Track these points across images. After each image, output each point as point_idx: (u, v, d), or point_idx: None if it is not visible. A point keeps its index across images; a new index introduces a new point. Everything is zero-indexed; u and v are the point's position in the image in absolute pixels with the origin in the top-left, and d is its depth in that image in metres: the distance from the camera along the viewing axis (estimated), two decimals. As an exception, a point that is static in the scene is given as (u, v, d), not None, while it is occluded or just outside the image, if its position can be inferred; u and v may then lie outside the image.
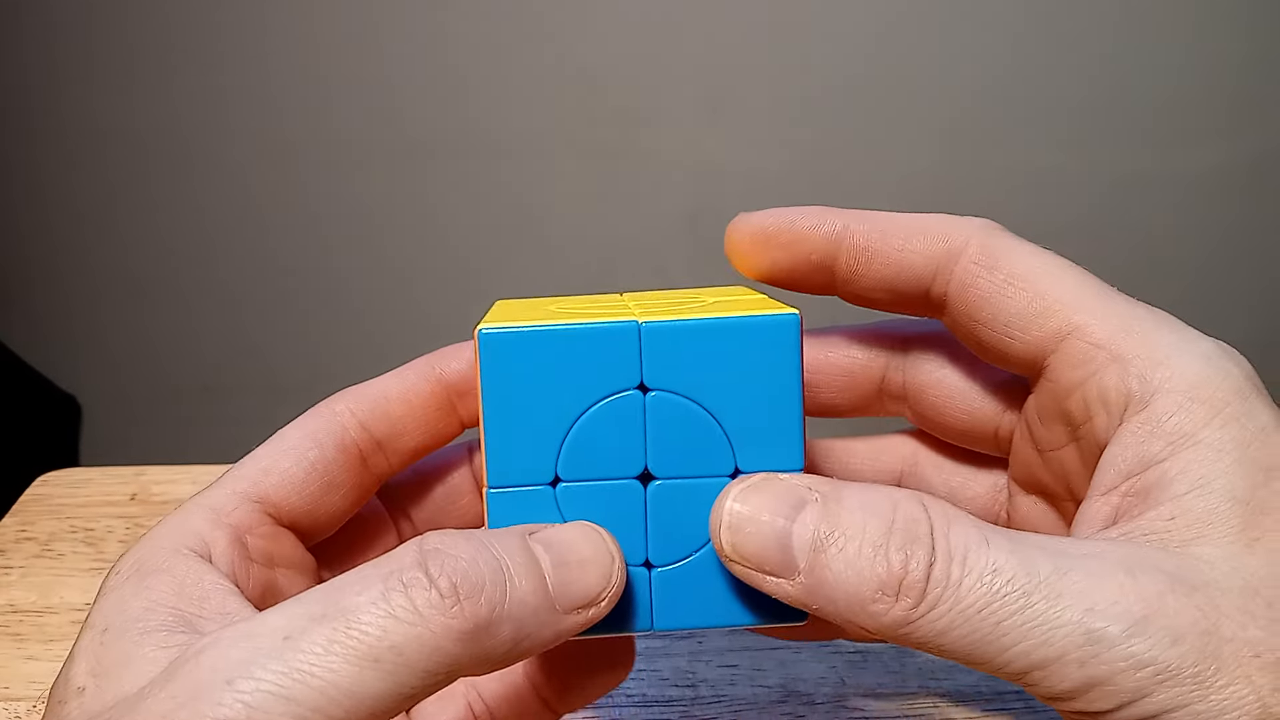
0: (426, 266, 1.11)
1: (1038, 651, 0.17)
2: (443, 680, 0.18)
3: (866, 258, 0.23)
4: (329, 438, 0.23)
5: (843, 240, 0.23)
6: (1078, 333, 0.21)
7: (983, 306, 0.22)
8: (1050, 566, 0.18)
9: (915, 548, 0.18)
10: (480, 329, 0.20)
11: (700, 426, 0.21)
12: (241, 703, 0.16)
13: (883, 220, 0.23)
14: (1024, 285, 0.21)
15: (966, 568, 0.18)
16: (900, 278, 0.23)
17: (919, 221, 0.23)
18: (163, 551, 0.20)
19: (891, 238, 0.23)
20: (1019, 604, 0.18)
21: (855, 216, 0.23)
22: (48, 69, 1.06)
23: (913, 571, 0.18)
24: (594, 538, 0.20)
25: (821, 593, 0.19)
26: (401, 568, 0.18)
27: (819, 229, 0.23)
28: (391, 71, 1.04)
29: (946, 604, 0.18)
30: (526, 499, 0.21)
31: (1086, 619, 0.17)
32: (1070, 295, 0.21)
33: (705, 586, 0.21)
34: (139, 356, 1.16)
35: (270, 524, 0.22)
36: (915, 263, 0.23)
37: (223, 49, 1.04)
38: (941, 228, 0.23)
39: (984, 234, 0.22)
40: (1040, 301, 0.21)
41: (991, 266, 0.22)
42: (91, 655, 0.19)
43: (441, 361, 0.24)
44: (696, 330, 0.21)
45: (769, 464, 0.21)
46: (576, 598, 0.19)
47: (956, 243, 0.22)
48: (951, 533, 0.18)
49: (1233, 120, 1.02)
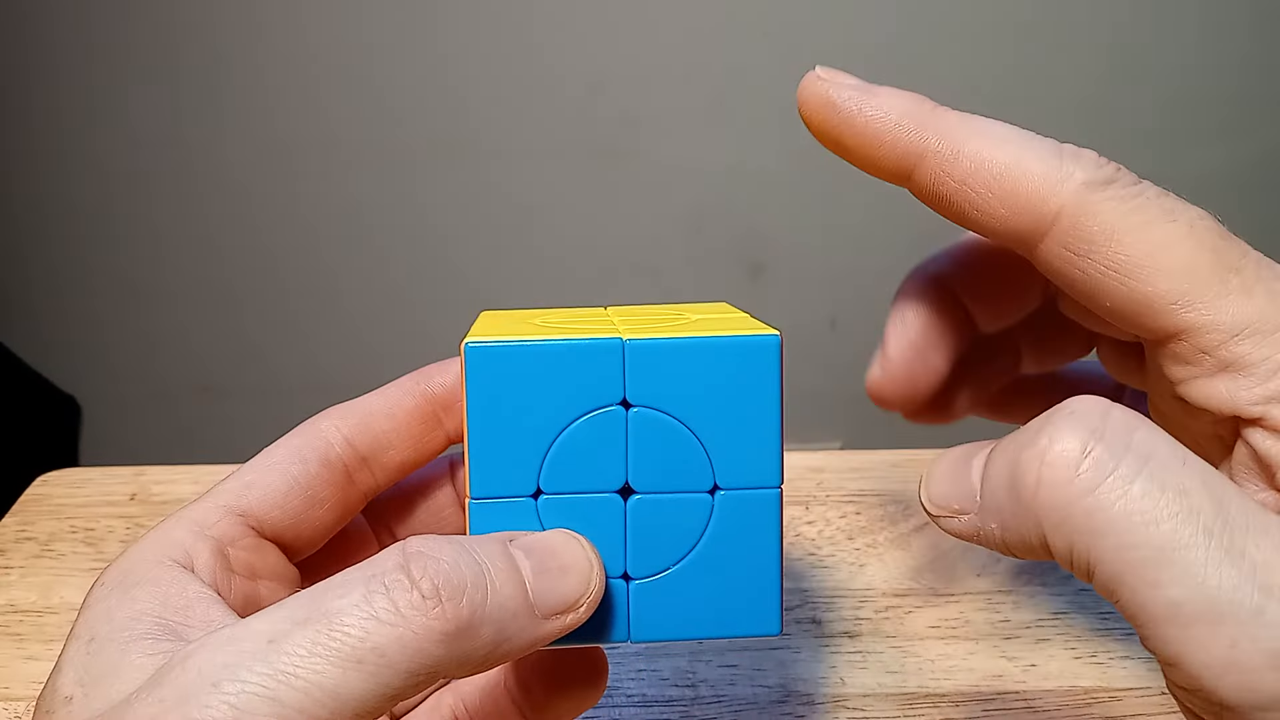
0: (425, 269, 1.11)
1: (1189, 605, 0.16)
2: (425, 681, 0.18)
3: (942, 202, 0.21)
4: (313, 453, 0.23)
5: (916, 170, 0.21)
6: (1186, 335, 0.19)
7: (1076, 292, 0.20)
8: (1244, 520, 0.16)
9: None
10: (466, 343, 0.21)
11: (681, 443, 0.21)
12: (227, 704, 0.16)
13: (965, 161, 0.20)
14: (1123, 277, 0.19)
15: (1147, 471, 0.16)
16: (981, 231, 0.21)
17: (1007, 173, 0.20)
18: (146, 563, 0.21)
19: (970, 192, 0.20)
20: (1194, 542, 0.16)
21: (937, 142, 0.20)
22: (47, 71, 1.06)
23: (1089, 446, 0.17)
24: (573, 545, 0.20)
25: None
26: (384, 570, 0.18)
27: (891, 142, 0.21)
28: (391, 75, 1.04)
29: (1115, 491, 0.16)
30: (508, 510, 0.21)
31: (1261, 598, 0.15)
32: (1178, 286, 0.19)
33: (682, 599, 0.22)
34: (139, 357, 1.16)
35: (253, 537, 0.22)
36: (996, 226, 0.20)
37: (222, 53, 1.04)
38: (1030, 190, 0.19)
39: (1078, 204, 0.19)
40: (1142, 298, 0.19)
41: (1084, 253, 0.19)
42: (79, 665, 0.19)
43: (427, 377, 0.24)
44: (679, 349, 0.21)
45: (747, 480, 0.21)
46: (556, 603, 0.20)
47: (1046, 214, 0.19)
48: (1137, 434, 0.17)
49: (1236, 121, 1.02)
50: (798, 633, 0.34)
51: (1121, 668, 0.33)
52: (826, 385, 1.00)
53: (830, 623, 0.35)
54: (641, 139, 1.06)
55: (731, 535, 0.22)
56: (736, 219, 1.08)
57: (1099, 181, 0.19)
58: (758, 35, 1.02)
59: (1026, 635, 0.34)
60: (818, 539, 0.38)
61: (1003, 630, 0.34)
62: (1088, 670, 0.33)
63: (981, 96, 1.02)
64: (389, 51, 1.03)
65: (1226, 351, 0.18)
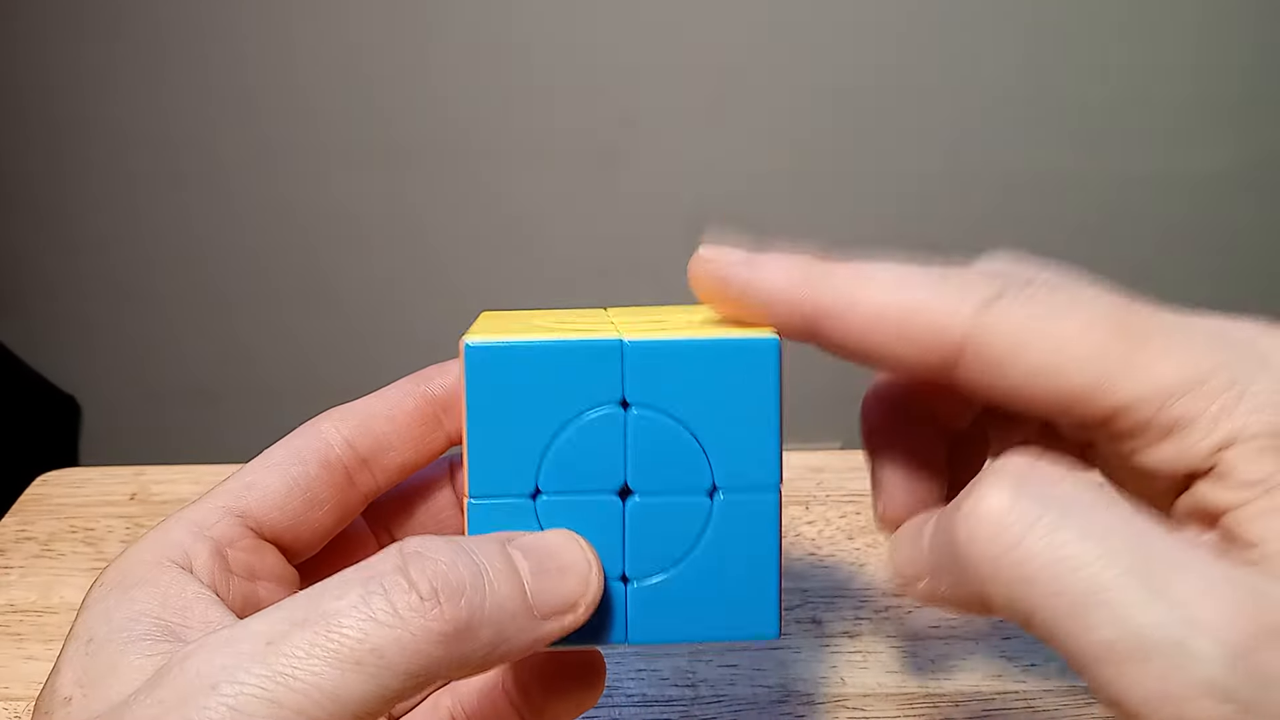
0: (424, 271, 1.11)
1: (1120, 645, 0.16)
2: (424, 682, 0.18)
3: (851, 354, 0.21)
4: (313, 455, 0.23)
5: (818, 330, 0.21)
6: (1120, 414, 0.19)
7: (1004, 405, 0.20)
8: (1167, 559, 0.17)
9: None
10: (466, 341, 0.21)
11: (680, 444, 0.21)
12: (226, 706, 0.16)
13: (862, 314, 0.20)
14: (1042, 381, 0.19)
15: (1071, 518, 0.17)
16: (896, 372, 0.21)
17: (905, 318, 0.20)
18: (145, 564, 0.21)
19: (874, 341, 0.20)
20: (1118, 583, 0.16)
21: (830, 301, 0.20)
22: (43, 75, 1.06)
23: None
24: (572, 546, 0.20)
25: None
26: (382, 572, 0.18)
27: (787, 309, 0.21)
28: (388, 76, 1.04)
29: (1041, 540, 0.17)
30: (506, 510, 0.21)
31: (1184, 631, 0.16)
32: (1096, 373, 0.19)
33: (680, 602, 0.22)
34: (138, 357, 1.16)
35: (252, 538, 0.22)
36: (908, 367, 0.20)
37: (218, 56, 1.04)
38: (929, 328, 0.20)
39: (977, 329, 0.19)
40: (1066, 393, 0.19)
41: (998, 372, 0.19)
42: (78, 666, 0.19)
43: (428, 379, 0.24)
44: (679, 350, 0.21)
45: (746, 482, 0.21)
46: (555, 604, 0.19)
47: (951, 346, 0.20)
48: (1061, 485, 0.18)
49: (1239, 121, 1.02)
50: (798, 633, 0.34)
51: (1121, 668, 0.33)
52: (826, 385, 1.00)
53: (830, 623, 0.35)
54: (641, 139, 1.06)
55: (730, 538, 0.22)
56: (735, 219, 1.08)
57: (990, 299, 0.19)
58: (758, 35, 1.02)
59: (1026, 635, 0.34)
60: (818, 539, 0.38)
61: (1003, 630, 0.34)
62: (1088, 670, 0.33)
63: (986, 98, 1.02)
64: (385, 53, 1.03)
65: (1163, 417, 0.18)
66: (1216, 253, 1.07)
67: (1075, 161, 1.04)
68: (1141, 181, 1.04)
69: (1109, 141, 1.04)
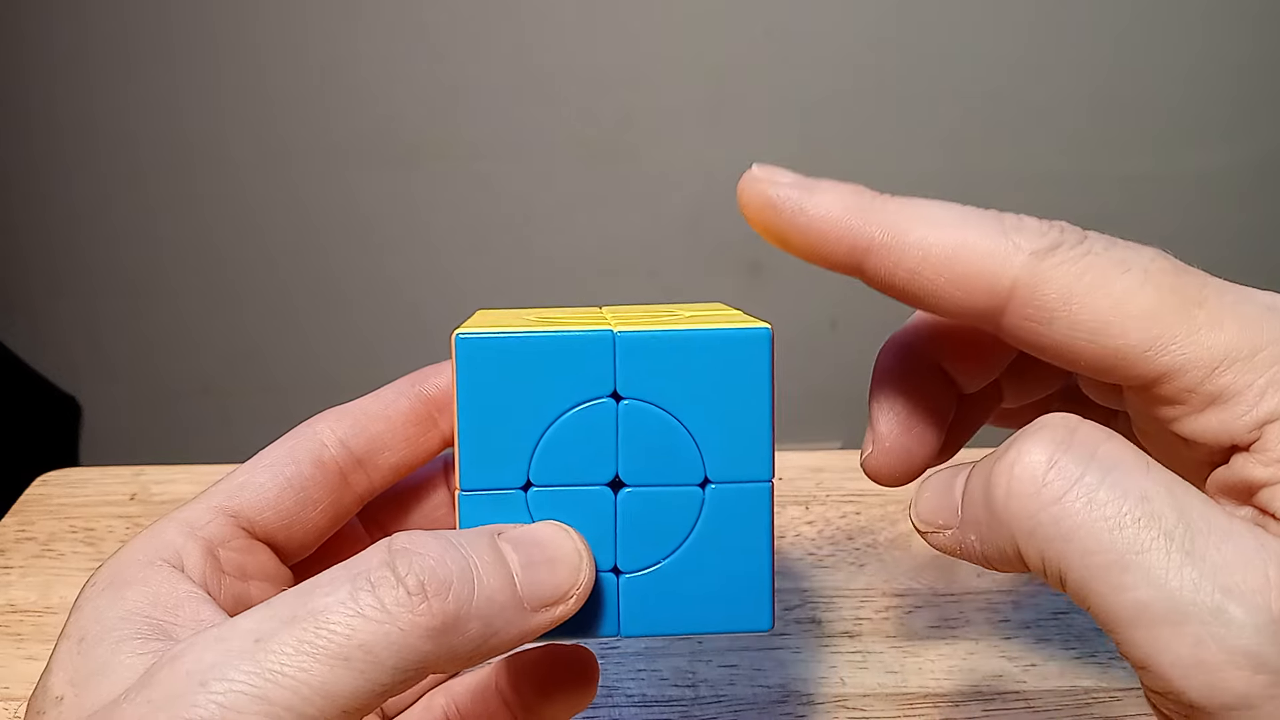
0: (424, 270, 1.11)
1: (1154, 607, 0.16)
2: (414, 677, 0.18)
3: (896, 291, 0.20)
4: (307, 455, 0.23)
5: (865, 263, 0.20)
6: (1166, 378, 0.19)
7: (1048, 356, 0.20)
8: (1205, 525, 0.17)
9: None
10: (457, 334, 0.21)
11: (671, 435, 0.21)
12: (216, 704, 0.17)
13: (913, 250, 0.20)
14: (1091, 337, 0.19)
15: (1111, 479, 0.17)
16: (941, 314, 0.21)
17: (956, 256, 0.19)
18: (137, 563, 0.21)
19: (923, 279, 0.20)
20: (1156, 545, 0.16)
21: (881, 234, 0.20)
22: (47, 71, 1.06)
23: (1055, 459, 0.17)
24: (562, 537, 0.20)
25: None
26: (370, 567, 0.18)
27: (836, 238, 0.20)
28: (389, 75, 1.04)
29: (1080, 499, 0.17)
30: (497, 502, 0.21)
31: (1221, 598, 0.16)
32: (1147, 335, 0.18)
33: (673, 594, 0.22)
34: (139, 357, 1.16)
35: (244, 538, 0.22)
36: (954, 309, 0.20)
37: (223, 52, 1.04)
38: (981, 270, 0.19)
39: (1030, 275, 0.19)
40: (1114, 352, 0.19)
41: (1046, 321, 0.19)
42: (69, 665, 0.19)
43: (422, 379, 0.24)
44: (670, 341, 0.21)
45: (738, 474, 0.21)
46: (545, 595, 0.19)
47: (1000, 290, 0.19)
48: (1103, 446, 0.18)
49: (1237, 121, 1.02)
50: (798, 633, 0.34)
51: (1121, 668, 0.33)
52: (826, 385, 1.00)
53: (830, 623, 0.35)
54: (641, 139, 1.06)
55: (722, 529, 0.21)
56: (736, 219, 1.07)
57: (1045, 248, 0.19)
58: (757, 35, 1.02)
59: (1026, 635, 0.34)
60: (818, 539, 0.38)
61: (1003, 630, 0.34)
62: (1088, 670, 0.33)
63: (985, 99, 1.02)
64: (386, 52, 1.03)
65: (1211, 386, 0.18)
66: (1216, 252, 1.07)
67: (1075, 161, 1.04)
68: (1141, 181, 1.04)
69: (1109, 141, 1.04)
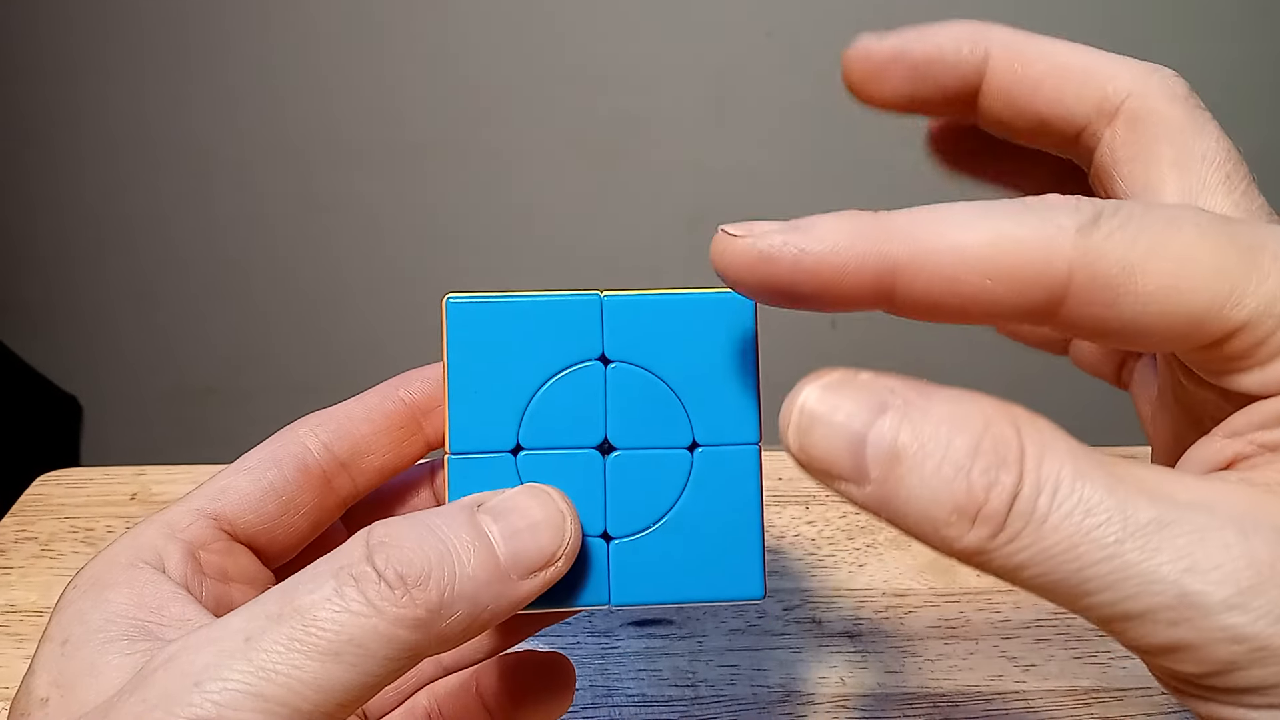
0: (426, 269, 1.11)
1: (1124, 604, 0.16)
2: (406, 665, 0.18)
3: (937, 310, 0.18)
4: (289, 459, 0.23)
5: (895, 287, 0.18)
6: (1239, 333, 0.17)
7: (1113, 341, 0.18)
8: (1151, 514, 0.16)
9: (1001, 473, 0.16)
10: (447, 298, 0.21)
11: (659, 399, 0.21)
12: (211, 703, 0.17)
13: (946, 259, 0.18)
14: (1161, 306, 0.17)
15: (1055, 503, 0.16)
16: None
17: (998, 255, 0.17)
18: (118, 565, 0.21)
19: (964, 287, 0.18)
20: (1108, 552, 0.16)
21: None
22: (51, 71, 1.06)
23: (994, 499, 0.16)
24: (543, 498, 0.20)
25: (892, 506, 0.17)
26: (350, 562, 0.18)
27: (856, 271, 0.18)
28: (396, 75, 1.04)
29: (1027, 539, 0.16)
30: (487, 466, 0.21)
31: (1184, 579, 0.16)
32: (1220, 290, 0.17)
33: (663, 561, 0.21)
34: (139, 357, 1.16)
35: (225, 540, 0.22)
36: (1005, 312, 0.18)
37: (226, 52, 1.04)
38: (1030, 261, 0.17)
39: (1085, 255, 0.17)
40: (1186, 317, 0.17)
41: (1113, 301, 0.17)
42: (53, 667, 0.19)
43: (407, 382, 0.24)
44: (656, 304, 0.21)
45: (725, 437, 0.22)
46: (531, 561, 0.19)
47: (1058, 278, 0.17)
48: (1045, 461, 0.16)
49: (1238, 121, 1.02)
50: (798, 633, 0.34)
51: (1121, 668, 0.33)
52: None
53: (830, 623, 0.35)
54: (641, 139, 1.06)
55: (711, 493, 0.21)
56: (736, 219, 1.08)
57: (1089, 222, 0.17)
58: (758, 35, 1.02)
59: (1026, 635, 0.34)
60: (818, 539, 0.38)
61: (1003, 630, 0.34)
62: (1088, 670, 0.33)
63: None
64: (386, 52, 1.03)
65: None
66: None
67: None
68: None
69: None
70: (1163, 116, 0.20)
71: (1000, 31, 0.21)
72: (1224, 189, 0.20)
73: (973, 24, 0.22)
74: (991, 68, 0.21)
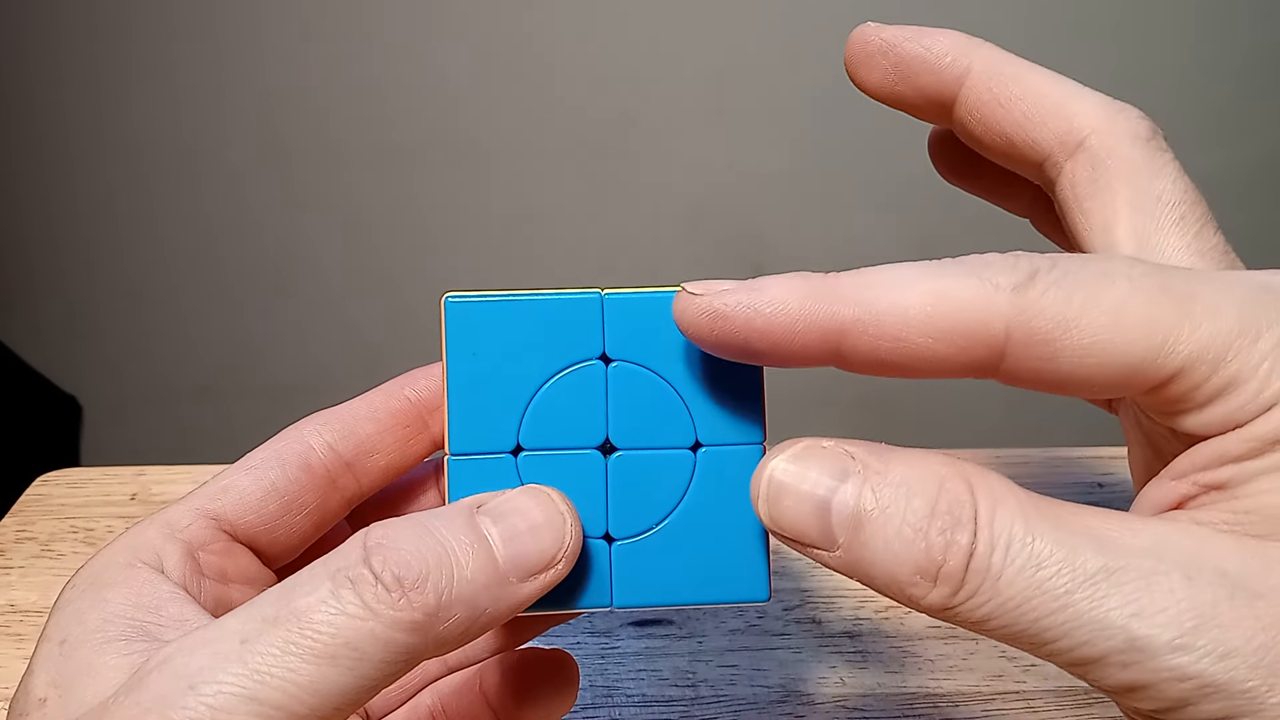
0: (424, 268, 1.11)
1: (1080, 650, 0.17)
2: (403, 668, 0.18)
3: (883, 365, 0.19)
4: (293, 458, 0.23)
5: (842, 346, 0.19)
6: (1175, 379, 0.18)
7: (1055, 389, 0.19)
8: (1099, 562, 0.17)
9: (956, 533, 0.17)
10: (446, 297, 0.21)
11: (662, 398, 0.21)
12: (205, 706, 0.17)
13: (889, 320, 0.18)
14: (1096, 358, 0.18)
15: (1008, 558, 0.17)
16: (935, 374, 0.20)
17: (939, 315, 0.18)
18: (116, 565, 0.21)
19: (910, 345, 0.18)
20: (1060, 602, 0.17)
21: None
22: (48, 74, 1.06)
23: (951, 559, 0.17)
24: (543, 499, 0.20)
25: (860, 569, 0.18)
26: (347, 564, 0.18)
27: (805, 330, 0.19)
28: (390, 75, 1.04)
29: (985, 594, 0.17)
30: (487, 467, 0.21)
31: (1131, 624, 0.16)
32: (1152, 342, 0.18)
33: (666, 563, 0.21)
34: (139, 357, 1.16)
35: (225, 540, 0.22)
36: (949, 366, 0.19)
37: (222, 53, 1.04)
38: (968, 321, 0.18)
39: (1020, 313, 0.18)
40: (1122, 367, 0.18)
41: (1050, 356, 0.18)
42: (52, 667, 0.19)
43: (412, 381, 0.24)
44: (658, 302, 0.21)
45: (729, 437, 0.21)
46: (532, 563, 0.19)
47: (996, 336, 0.18)
48: (996, 518, 0.17)
49: (1233, 125, 1.02)
50: (798, 633, 0.34)
51: (1121, 668, 0.33)
52: (827, 385, 1.00)
53: (830, 623, 0.35)
54: (641, 139, 1.06)
55: (715, 494, 0.21)
56: (736, 219, 1.08)
57: (1024, 280, 0.18)
58: (758, 35, 1.02)
59: (1026, 635, 0.34)
60: (818, 539, 0.38)
61: (1002, 630, 0.34)
62: (1087, 670, 0.33)
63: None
64: (386, 51, 1.03)
65: (1219, 377, 0.18)
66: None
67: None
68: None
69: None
70: (1123, 157, 0.21)
71: (987, 50, 0.22)
72: (1177, 230, 0.21)
73: (964, 37, 0.22)
74: (969, 82, 0.22)
